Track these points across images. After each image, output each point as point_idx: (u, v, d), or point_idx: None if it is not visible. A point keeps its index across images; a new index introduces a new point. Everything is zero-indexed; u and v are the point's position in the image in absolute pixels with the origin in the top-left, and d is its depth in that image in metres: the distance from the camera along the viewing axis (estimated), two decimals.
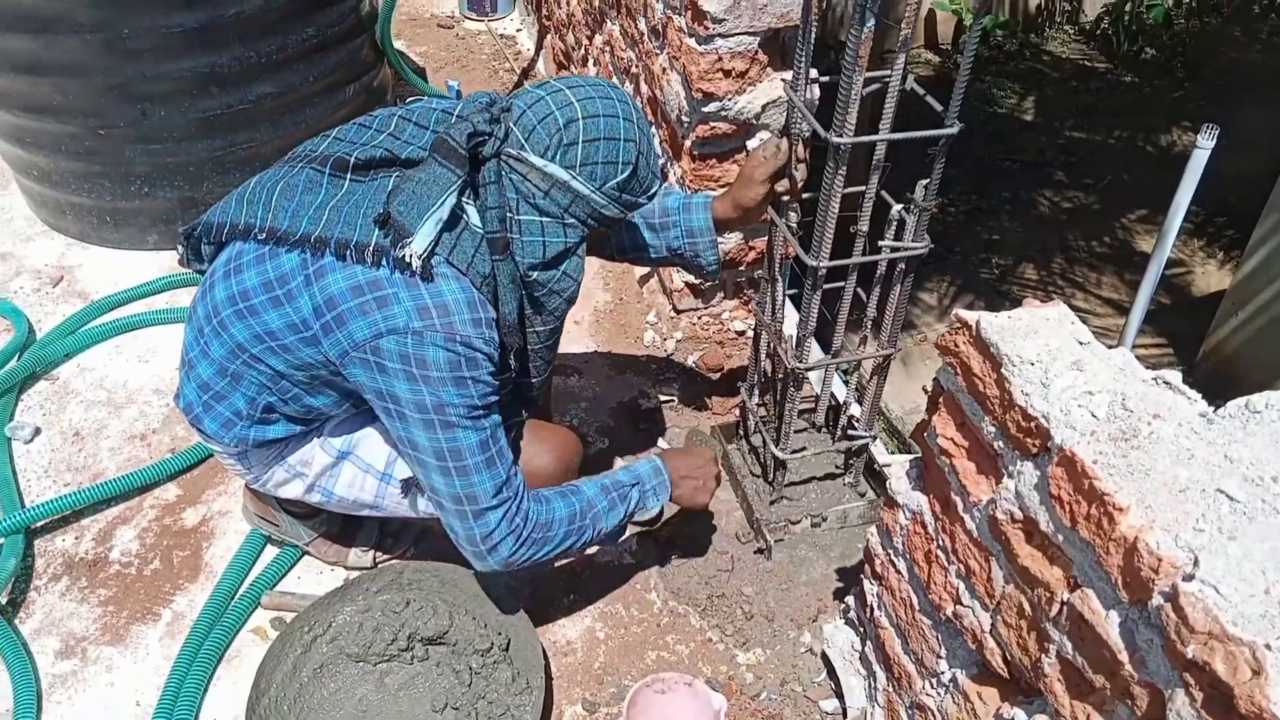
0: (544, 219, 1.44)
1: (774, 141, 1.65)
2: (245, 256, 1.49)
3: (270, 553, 1.96)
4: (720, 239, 1.83)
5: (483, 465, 1.46)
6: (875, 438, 1.97)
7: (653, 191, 1.52)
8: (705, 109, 2.00)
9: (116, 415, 2.28)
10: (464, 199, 1.42)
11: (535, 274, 1.47)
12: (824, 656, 1.76)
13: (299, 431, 1.61)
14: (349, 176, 1.45)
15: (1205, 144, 2.02)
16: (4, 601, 1.86)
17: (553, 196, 1.42)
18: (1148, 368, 1.06)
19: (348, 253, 1.39)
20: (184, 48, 2.41)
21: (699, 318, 2.47)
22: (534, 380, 1.66)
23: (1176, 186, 2.06)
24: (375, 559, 1.93)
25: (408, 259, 1.36)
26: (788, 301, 1.93)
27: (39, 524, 1.99)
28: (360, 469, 1.67)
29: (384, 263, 1.38)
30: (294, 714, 1.65)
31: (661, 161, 2.37)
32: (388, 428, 1.48)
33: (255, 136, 2.64)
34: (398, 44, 3.52)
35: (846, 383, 2.00)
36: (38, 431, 2.22)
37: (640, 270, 2.66)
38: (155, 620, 1.86)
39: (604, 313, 2.58)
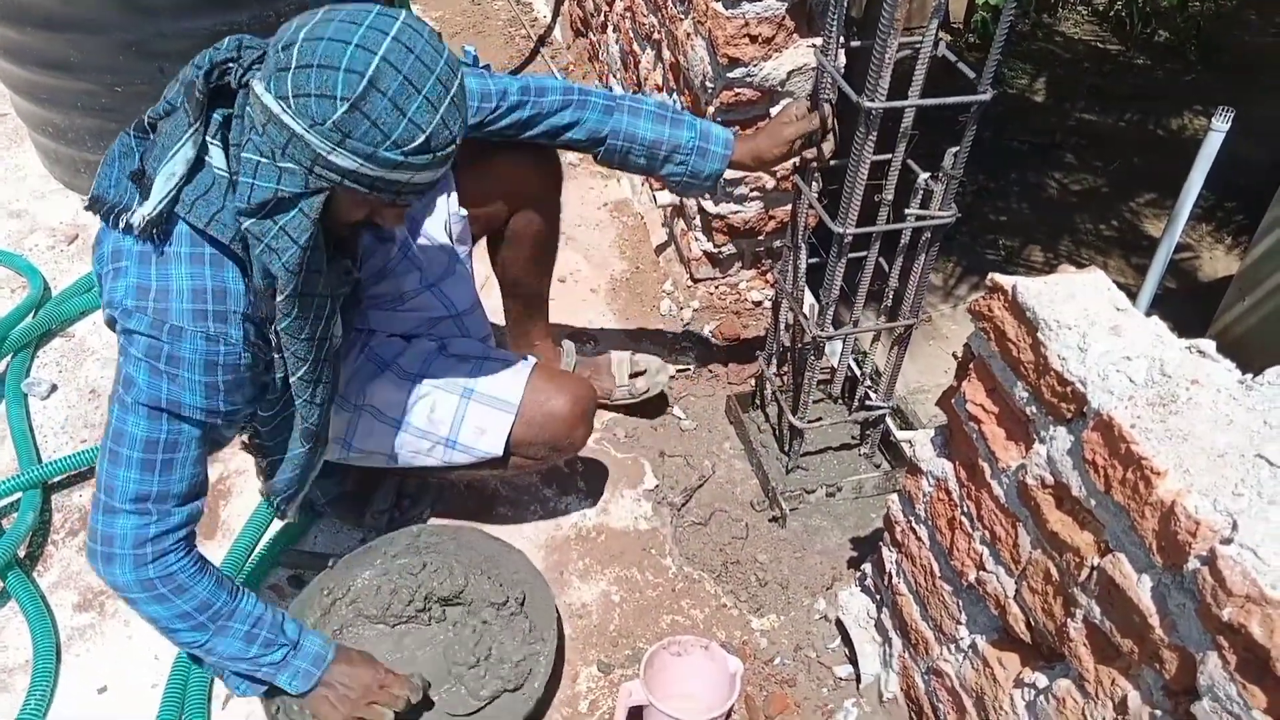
0: (260, 158, 1.22)
1: (804, 102, 1.64)
2: None
3: None
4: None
5: (137, 462, 1.32)
6: (894, 409, 1.98)
7: (427, 153, 1.21)
8: (730, 75, 1.99)
9: None
10: (211, 141, 1.26)
11: (246, 222, 1.25)
12: (838, 623, 1.77)
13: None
14: (149, 136, 1.33)
15: (1220, 127, 2.02)
16: (23, 555, 1.87)
17: (269, 133, 1.20)
18: None
19: (110, 217, 1.29)
20: (202, 5, 2.39)
21: (716, 287, 2.47)
22: (303, 400, 1.46)
23: (1186, 170, 2.05)
24: (391, 520, 1.94)
25: (130, 223, 1.25)
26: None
27: (56, 479, 2.00)
28: (376, 420, 1.68)
29: (131, 229, 1.27)
30: None
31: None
32: None
33: None
34: (414, 8, 3.50)
35: (860, 362, 2.01)
36: (54, 388, 2.22)
37: (657, 239, 2.65)
38: None
39: (620, 281, 2.58)
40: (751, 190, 2.22)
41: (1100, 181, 4.15)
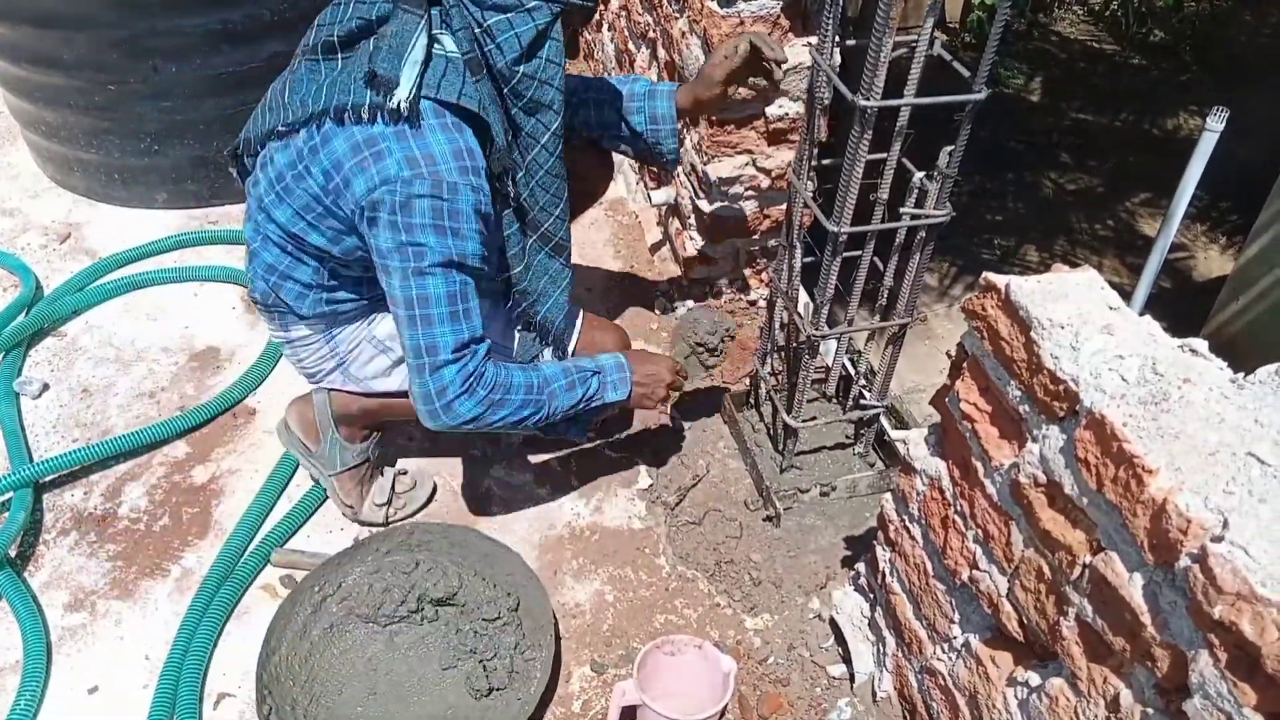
0: (508, 14, 1.45)
1: (734, 42, 1.74)
2: (274, 150, 1.59)
3: (280, 511, 1.96)
4: (682, 130, 1.94)
5: (447, 317, 1.51)
6: (888, 408, 1.98)
7: None
8: None
9: (125, 372, 2.27)
10: (437, 32, 1.47)
11: (520, 69, 1.49)
12: (832, 622, 1.77)
13: (369, 297, 1.70)
14: (339, 55, 1.53)
15: (1215, 126, 2.02)
16: (13, 555, 1.86)
17: None
18: None
19: (345, 116, 1.47)
20: (196, 3, 2.39)
21: (711, 286, 2.47)
22: (552, 217, 1.69)
23: (1181, 170, 2.05)
24: (388, 516, 1.94)
25: (397, 106, 1.44)
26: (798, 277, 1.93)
27: (47, 479, 1.99)
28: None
29: (377, 118, 1.46)
30: (304, 673, 1.66)
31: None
32: (384, 289, 1.55)
33: None
34: None
35: (855, 361, 2.01)
36: (46, 387, 2.22)
37: (652, 238, 2.65)
38: (164, 576, 1.87)
39: (615, 280, 2.57)
40: (746, 189, 2.22)
41: (1096, 181, 4.15)
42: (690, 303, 2.46)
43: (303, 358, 1.80)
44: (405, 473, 2.01)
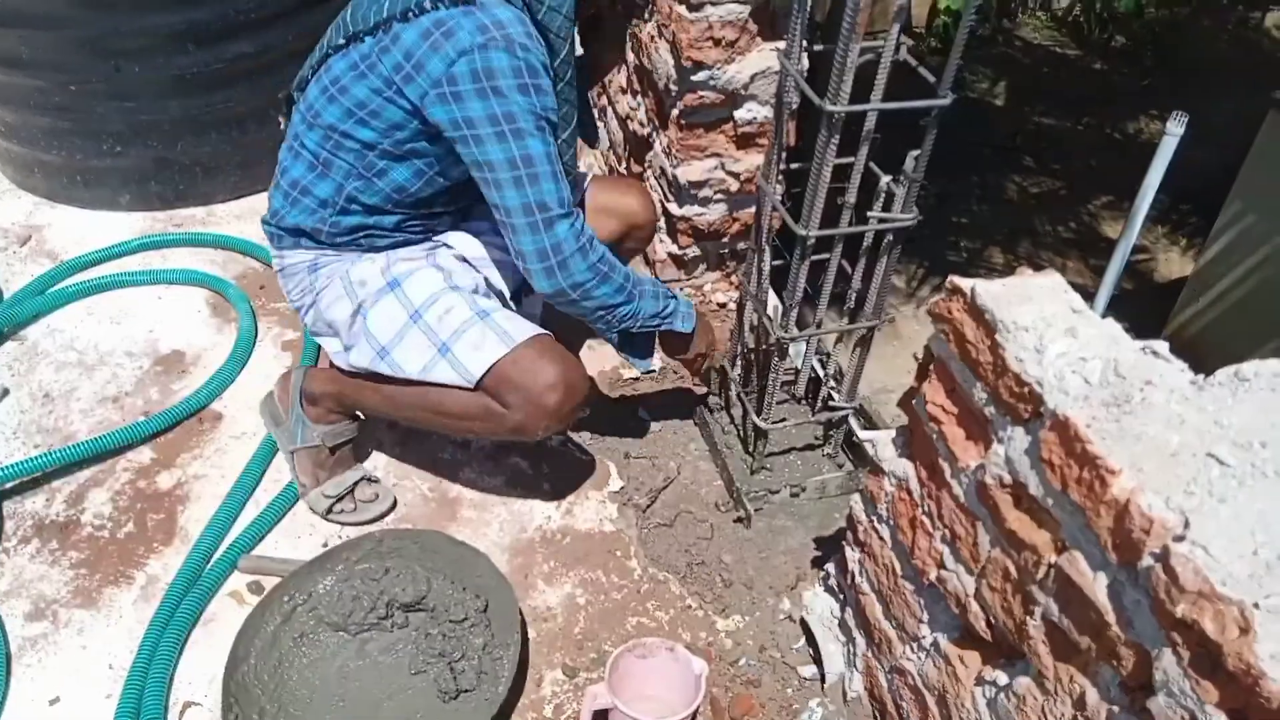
0: None
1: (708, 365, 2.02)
2: (331, 63, 1.67)
3: (247, 517, 1.94)
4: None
5: (550, 175, 1.58)
6: (856, 409, 1.99)
7: None
8: (694, 78, 1.99)
9: (88, 377, 2.24)
10: None
11: None
12: (803, 623, 1.78)
13: (372, 224, 1.77)
14: None
15: (1175, 130, 2.05)
16: None
17: None
18: None
19: (409, 13, 1.55)
20: (161, 2, 2.36)
21: (681, 289, 2.47)
22: (563, 137, 1.72)
23: (1143, 173, 2.09)
24: (331, 510, 1.93)
25: None
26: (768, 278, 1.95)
27: (8, 485, 1.95)
28: (399, 303, 1.73)
29: (441, 4, 1.54)
30: (274, 682, 1.64)
31: (647, 131, 2.36)
32: (466, 162, 1.61)
33: (232, 96, 2.59)
34: None
35: (824, 363, 2.02)
36: (5, 392, 2.18)
37: None
38: (129, 583, 1.84)
39: None
40: (716, 193, 2.23)
41: (1059, 184, 4.21)
42: None
43: (290, 287, 1.86)
44: (376, 482, 1.99)
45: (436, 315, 1.72)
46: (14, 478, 1.93)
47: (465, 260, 1.85)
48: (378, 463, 2.07)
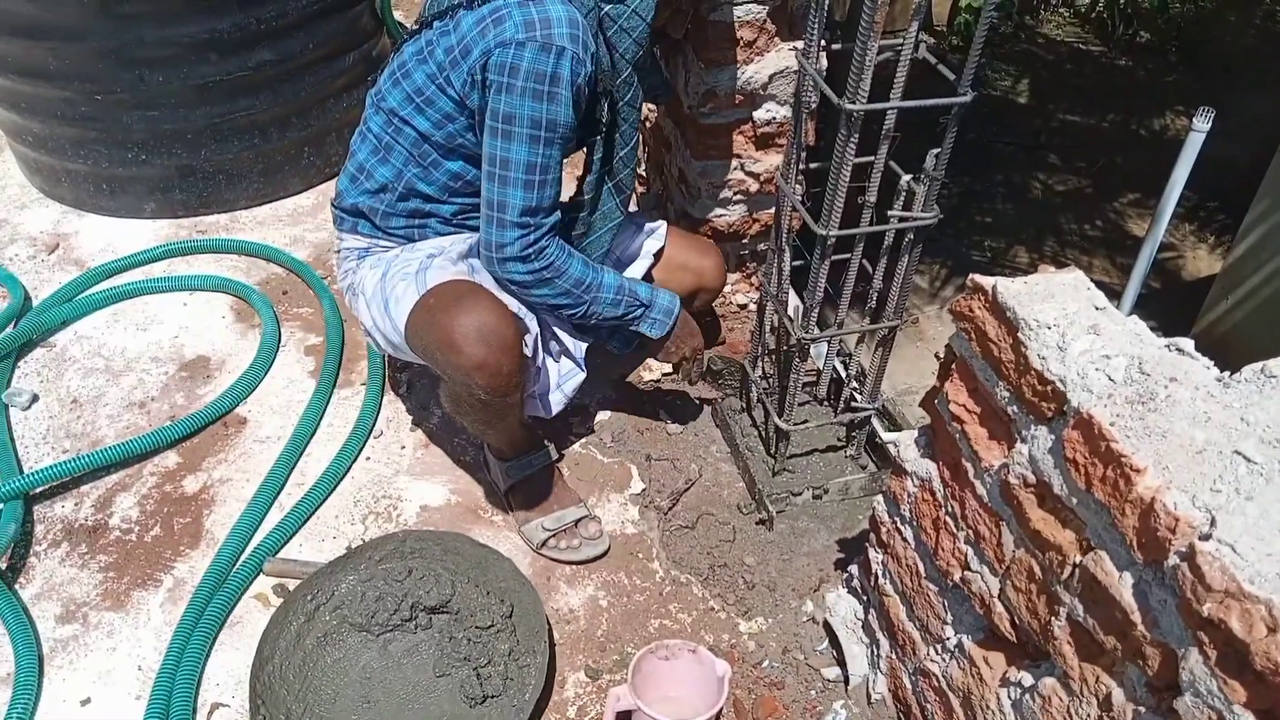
0: None
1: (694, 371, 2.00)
2: (403, 46, 1.72)
3: (272, 520, 1.96)
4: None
5: (520, 183, 1.62)
6: (879, 410, 1.98)
7: None
8: (712, 78, 1.99)
9: (115, 383, 2.26)
10: None
11: (606, 8, 1.64)
12: (826, 625, 1.77)
13: (428, 210, 1.80)
14: None
15: (1201, 126, 2.03)
16: (4, 567, 1.86)
17: None
18: None
19: (475, 1, 1.58)
20: (184, 12, 2.39)
21: None
22: (625, 151, 1.81)
23: (1168, 170, 2.06)
24: (545, 543, 1.93)
25: None
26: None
27: (38, 490, 1.98)
28: (414, 277, 1.74)
29: None
30: (298, 682, 1.66)
31: (666, 132, 2.36)
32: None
33: (254, 104, 2.62)
34: (396, 14, 3.49)
35: (846, 364, 2.01)
36: (35, 398, 2.21)
37: None
38: (156, 586, 1.86)
39: None
40: (735, 194, 2.22)
41: (1084, 182, 4.17)
42: None
43: (344, 270, 1.90)
44: (597, 520, 1.96)
45: (395, 277, 1.76)
46: (44, 482, 1.96)
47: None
48: (399, 466, 2.09)
